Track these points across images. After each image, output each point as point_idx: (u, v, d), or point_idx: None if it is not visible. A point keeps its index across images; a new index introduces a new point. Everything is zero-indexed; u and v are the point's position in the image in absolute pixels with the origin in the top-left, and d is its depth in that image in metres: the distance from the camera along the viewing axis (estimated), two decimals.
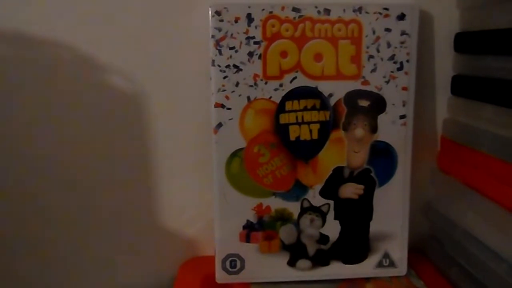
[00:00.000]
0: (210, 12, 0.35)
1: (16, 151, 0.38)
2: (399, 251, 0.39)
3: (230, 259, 0.38)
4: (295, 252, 0.38)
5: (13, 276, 0.41)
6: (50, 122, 0.38)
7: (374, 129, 0.37)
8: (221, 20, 0.35)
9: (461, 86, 0.38)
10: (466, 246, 0.36)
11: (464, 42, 0.37)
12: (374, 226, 0.38)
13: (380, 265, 0.39)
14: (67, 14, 0.37)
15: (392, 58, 0.36)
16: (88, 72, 0.38)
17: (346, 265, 0.39)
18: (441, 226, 0.39)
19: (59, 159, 0.39)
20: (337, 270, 0.38)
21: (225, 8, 0.34)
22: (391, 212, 0.38)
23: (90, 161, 0.39)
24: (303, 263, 0.38)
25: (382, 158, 0.37)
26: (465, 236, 0.36)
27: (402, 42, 0.36)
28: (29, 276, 0.41)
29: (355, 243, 0.38)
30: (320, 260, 0.38)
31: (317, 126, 0.36)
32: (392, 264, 0.39)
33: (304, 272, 0.38)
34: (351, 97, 0.36)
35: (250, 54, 0.35)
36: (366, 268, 0.39)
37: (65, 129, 0.38)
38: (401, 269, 0.39)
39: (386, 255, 0.39)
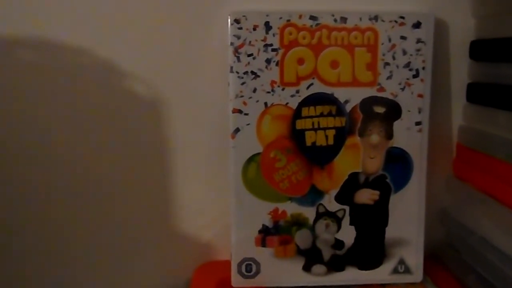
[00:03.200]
0: (229, 20, 0.36)
1: (36, 156, 0.39)
2: (414, 257, 0.39)
3: (246, 263, 0.38)
4: (311, 257, 0.38)
5: (30, 277, 0.42)
6: (69, 127, 0.39)
7: (389, 135, 0.37)
8: (240, 28, 0.36)
9: (476, 93, 0.38)
10: (482, 253, 0.35)
11: (480, 50, 0.38)
12: (390, 232, 0.38)
13: (395, 271, 0.39)
14: (89, 20, 0.38)
15: (407, 65, 0.37)
16: (108, 78, 0.39)
17: (361, 271, 0.39)
18: (457, 232, 0.39)
19: (79, 163, 0.40)
20: (352, 275, 0.39)
21: (244, 16, 0.35)
22: (407, 218, 0.38)
23: (109, 166, 0.40)
24: (318, 268, 0.38)
25: (398, 164, 0.38)
26: (481, 243, 0.36)
27: (418, 50, 0.36)
28: (45, 277, 0.42)
29: (370, 248, 0.38)
30: (335, 265, 0.38)
31: (333, 132, 0.37)
32: (407, 270, 0.39)
33: (319, 277, 0.38)
34: (367, 104, 0.37)
35: (268, 61, 0.36)
36: (381, 274, 0.39)
37: (84, 134, 0.39)
38: (417, 275, 0.39)
39: (402, 262, 0.39)
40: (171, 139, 0.40)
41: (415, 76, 0.37)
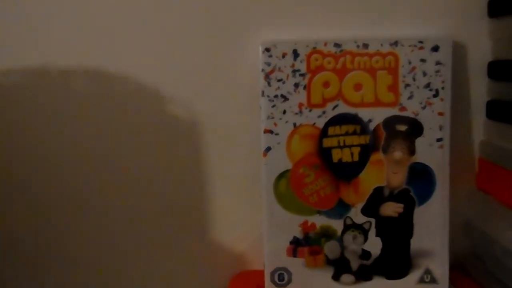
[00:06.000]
0: (260, 49, 0.39)
1: (82, 176, 0.43)
2: (440, 267, 0.40)
3: (278, 272, 0.41)
4: (339, 267, 0.40)
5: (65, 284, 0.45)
6: (119, 148, 0.43)
7: (412, 151, 0.39)
8: (270, 56, 0.39)
9: (496, 110, 0.40)
10: (506, 263, 0.37)
11: (497, 70, 0.39)
12: (415, 243, 0.40)
13: (421, 281, 0.40)
14: (137, 52, 0.41)
15: (427, 85, 0.39)
16: (152, 103, 0.42)
17: (389, 281, 0.40)
18: (481, 243, 0.40)
19: (124, 179, 0.43)
20: (379, 285, 0.40)
21: (273, 45, 0.38)
22: (431, 229, 0.40)
23: (152, 182, 0.43)
24: (347, 277, 0.40)
25: (421, 179, 0.39)
26: (505, 254, 0.37)
27: (437, 71, 0.39)
28: (83, 285, 0.45)
29: (396, 259, 0.40)
30: (363, 275, 0.40)
31: (358, 149, 0.39)
32: (433, 280, 0.40)
33: (347, 286, 0.40)
34: (390, 122, 0.39)
35: (296, 85, 0.39)
36: (408, 284, 0.40)
37: (131, 153, 0.43)
38: (443, 285, 0.40)
39: (428, 271, 0.40)
40: (208, 157, 0.43)
41: (435, 96, 0.39)
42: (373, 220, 0.40)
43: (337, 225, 0.40)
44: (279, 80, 0.39)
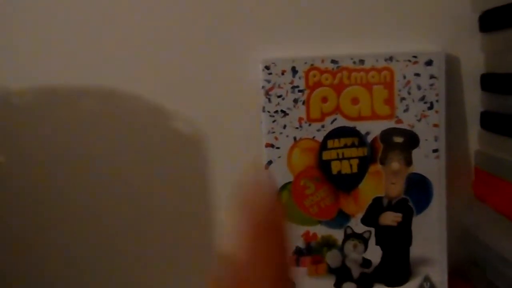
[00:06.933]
0: (260, 67, 0.40)
1: (89, 191, 0.44)
2: (439, 275, 0.41)
3: None
4: (341, 275, 0.42)
5: None
6: (122, 164, 0.44)
7: (409, 162, 0.41)
8: (270, 73, 0.40)
9: (489, 121, 0.41)
10: (504, 271, 0.38)
11: (489, 83, 0.41)
12: (414, 251, 0.41)
13: None
14: (141, 69, 0.43)
15: (422, 98, 0.40)
16: (156, 119, 0.44)
17: None
18: (479, 251, 0.41)
19: (131, 193, 0.45)
20: None
21: (273, 63, 0.40)
22: (430, 238, 0.41)
23: (156, 196, 0.45)
24: (348, 285, 0.42)
25: (418, 189, 0.41)
26: (503, 262, 0.38)
27: (431, 85, 0.40)
28: None
29: (396, 267, 0.41)
30: (364, 283, 0.42)
31: (356, 161, 0.41)
32: (433, 287, 0.42)
33: None
34: (386, 135, 0.40)
35: (295, 100, 0.40)
36: None
37: (135, 169, 0.44)
38: None
39: (427, 279, 0.42)
40: (211, 171, 0.44)
41: (430, 108, 0.40)
42: (372, 229, 0.41)
43: (338, 234, 0.41)
44: (279, 96, 0.40)
